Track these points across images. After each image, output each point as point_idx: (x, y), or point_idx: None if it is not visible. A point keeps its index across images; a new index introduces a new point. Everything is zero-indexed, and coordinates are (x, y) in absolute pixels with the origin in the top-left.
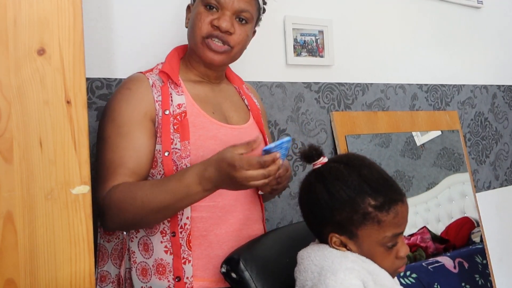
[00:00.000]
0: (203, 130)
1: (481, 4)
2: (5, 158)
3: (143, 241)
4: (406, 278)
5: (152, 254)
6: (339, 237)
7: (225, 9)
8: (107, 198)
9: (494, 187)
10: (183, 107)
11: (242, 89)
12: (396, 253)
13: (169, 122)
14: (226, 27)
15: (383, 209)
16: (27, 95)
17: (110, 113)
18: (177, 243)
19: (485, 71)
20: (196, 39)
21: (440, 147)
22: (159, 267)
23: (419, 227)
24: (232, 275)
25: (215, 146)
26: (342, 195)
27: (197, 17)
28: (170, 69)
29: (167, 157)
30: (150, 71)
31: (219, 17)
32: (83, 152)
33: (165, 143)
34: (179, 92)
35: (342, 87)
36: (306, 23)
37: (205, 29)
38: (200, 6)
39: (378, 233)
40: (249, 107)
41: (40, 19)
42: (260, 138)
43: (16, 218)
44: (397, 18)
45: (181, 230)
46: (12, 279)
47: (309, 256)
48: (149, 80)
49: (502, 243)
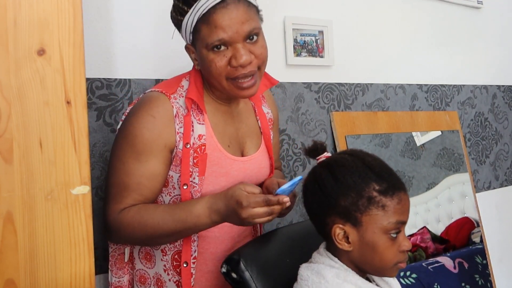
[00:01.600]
0: (217, 166)
1: (481, 4)
2: (5, 159)
3: (145, 250)
4: (406, 278)
5: (154, 266)
6: (343, 227)
7: (234, 42)
8: (118, 220)
9: (494, 187)
10: (203, 139)
11: (258, 107)
12: (399, 246)
13: (189, 155)
14: (246, 61)
15: (387, 193)
16: (27, 95)
17: (130, 138)
18: (188, 273)
19: (485, 71)
20: (221, 83)
21: (440, 147)
22: (158, 282)
23: (419, 227)
24: (233, 275)
25: (226, 183)
26: (348, 180)
27: (211, 66)
28: (197, 95)
29: (185, 190)
30: (174, 91)
31: (234, 54)
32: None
33: (184, 176)
34: (201, 121)
35: (342, 87)
36: (306, 23)
37: (225, 73)
38: (207, 52)
39: (382, 219)
40: (261, 131)
41: (40, 19)
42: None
43: (16, 218)
44: (397, 18)
45: (194, 261)
46: (12, 280)
47: (307, 280)
48: (174, 108)
49: (502, 243)
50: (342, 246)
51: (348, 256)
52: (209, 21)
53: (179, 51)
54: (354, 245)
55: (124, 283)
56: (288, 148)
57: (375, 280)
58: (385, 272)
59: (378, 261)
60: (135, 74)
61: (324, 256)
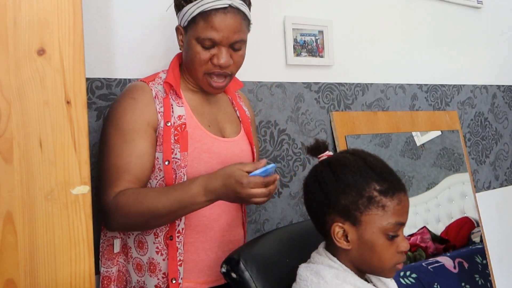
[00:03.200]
0: (199, 143)
1: (481, 4)
2: (5, 159)
3: (138, 239)
4: (406, 278)
5: (147, 252)
6: (342, 226)
7: (221, 45)
8: (113, 203)
9: (494, 187)
10: (183, 119)
11: (235, 100)
12: (397, 247)
13: (170, 132)
14: (225, 64)
15: (388, 194)
16: (27, 95)
17: (115, 121)
18: (174, 246)
19: (485, 71)
20: (197, 74)
21: (440, 147)
22: (151, 266)
23: (419, 227)
24: (232, 275)
25: (208, 158)
26: (349, 179)
27: (195, 56)
28: (174, 81)
29: (167, 166)
30: (152, 79)
31: (217, 55)
32: (83, 152)
33: (166, 153)
34: (180, 104)
35: (342, 87)
36: (306, 23)
37: (205, 67)
38: (196, 44)
39: (382, 219)
40: (240, 119)
41: (40, 19)
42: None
43: (16, 218)
44: (397, 18)
45: (178, 235)
46: (12, 280)
47: (306, 280)
48: (152, 91)
49: (502, 243)
50: (341, 245)
51: (347, 256)
52: (207, 19)
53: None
54: (353, 244)
55: (113, 274)
56: (288, 148)
57: (372, 281)
58: (383, 272)
59: (377, 261)
60: (135, 74)
61: (323, 256)
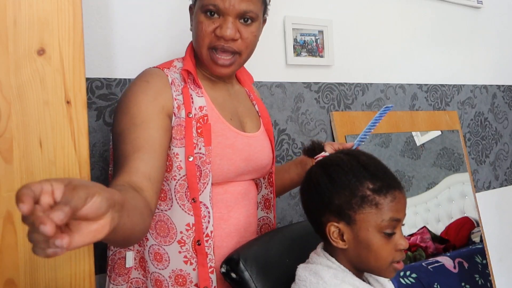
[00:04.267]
0: (222, 138)
1: (481, 4)
2: (5, 158)
3: (153, 250)
4: (406, 278)
5: (168, 264)
6: (337, 225)
7: (227, 14)
8: None
9: (494, 187)
10: (205, 110)
11: (252, 93)
12: (395, 245)
13: (192, 125)
14: (230, 35)
15: (381, 192)
16: (27, 95)
17: (124, 106)
18: (202, 252)
19: (485, 71)
20: (201, 50)
21: (440, 147)
22: (179, 278)
23: (419, 227)
24: (232, 275)
25: (232, 154)
26: (342, 179)
27: (198, 27)
28: (193, 69)
29: (190, 162)
30: (167, 66)
31: (221, 25)
32: (83, 152)
33: (189, 148)
34: (199, 94)
35: (342, 87)
36: (306, 23)
37: (208, 40)
38: (200, 14)
39: (376, 217)
40: (259, 114)
41: (40, 19)
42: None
43: (16, 218)
44: (397, 18)
45: (207, 239)
46: (12, 279)
47: (304, 280)
48: (169, 77)
49: (502, 243)
50: (337, 244)
51: (344, 256)
52: None
53: (179, 51)
54: (349, 244)
55: None
56: (288, 148)
57: (370, 282)
58: (381, 272)
59: (373, 260)
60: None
61: (322, 256)
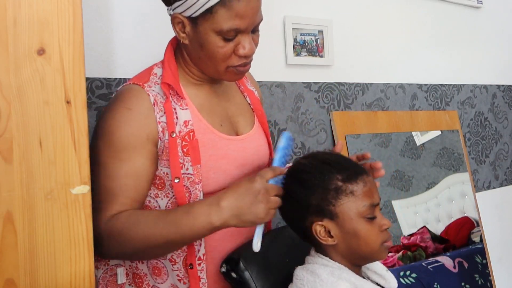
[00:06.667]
0: (213, 150)
1: (481, 4)
2: (5, 158)
3: (152, 264)
4: (406, 278)
5: (167, 278)
6: (322, 224)
7: (245, 32)
8: (107, 228)
9: (494, 187)
10: (190, 125)
11: (243, 84)
12: (379, 227)
13: (177, 144)
14: (251, 52)
15: (351, 179)
16: (27, 95)
17: (107, 136)
18: (195, 276)
19: (485, 71)
20: (216, 69)
21: (440, 147)
22: None
23: (419, 227)
24: (232, 274)
25: (227, 166)
26: (311, 179)
27: (216, 50)
28: (172, 79)
29: (177, 184)
30: (147, 79)
31: (243, 45)
32: (83, 152)
33: (175, 169)
34: (183, 106)
35: (342, 87)
36: (306, 23)
37: (230, 61)
38: (215, 37)
39: (355, 204)
40: (252, 107)
41: (40, 19)
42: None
43: (16, 218)
44: (397, 18)
45: (200, 262)
46: (12, 279)
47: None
48: (150, 96)
49: (502, 243)
50: (326, 242)
51: (337, 252)
52: (230, 7)
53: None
54: (338, 238)
55: None
56: None
57: (368, 275)
58: (375, 255)
59: (364, 246)
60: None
61: (316, 257)
